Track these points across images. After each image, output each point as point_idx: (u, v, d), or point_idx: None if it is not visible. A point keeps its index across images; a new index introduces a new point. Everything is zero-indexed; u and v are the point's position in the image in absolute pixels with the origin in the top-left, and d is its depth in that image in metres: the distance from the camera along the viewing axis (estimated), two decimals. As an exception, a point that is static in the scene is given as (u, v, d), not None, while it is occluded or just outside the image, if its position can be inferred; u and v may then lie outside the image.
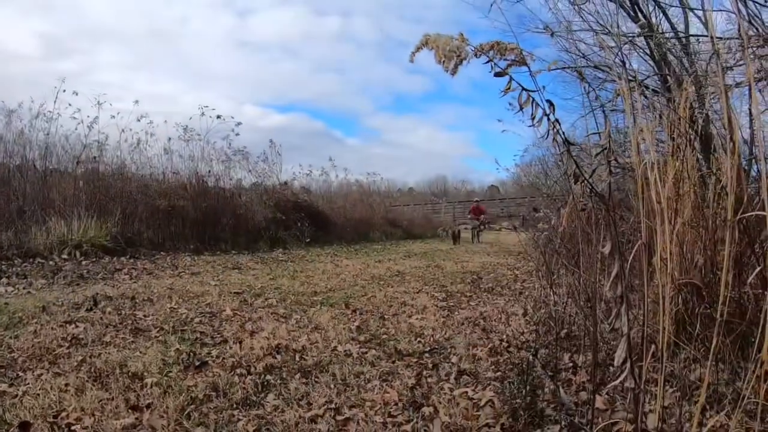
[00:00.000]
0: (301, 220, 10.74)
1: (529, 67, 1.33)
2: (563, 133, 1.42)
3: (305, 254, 8.91)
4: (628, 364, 1.31)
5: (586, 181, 1.45)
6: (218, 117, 9.17)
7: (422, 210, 19.00)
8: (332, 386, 2.24)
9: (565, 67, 4.42)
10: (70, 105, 7.74)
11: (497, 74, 1.33)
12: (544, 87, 1.35)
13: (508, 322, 3.52)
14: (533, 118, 1.37)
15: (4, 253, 5.98)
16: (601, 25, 4.57)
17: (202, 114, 9.01)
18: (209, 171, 9.53)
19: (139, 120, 8.52)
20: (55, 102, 7.59)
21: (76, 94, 7.74)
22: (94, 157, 8.17)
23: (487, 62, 1.31)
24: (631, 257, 1.52)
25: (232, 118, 9.64)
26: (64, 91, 7.62)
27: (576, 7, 4.52)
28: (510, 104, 1.45)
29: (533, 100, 1.35)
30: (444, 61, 1.28)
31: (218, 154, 9.72)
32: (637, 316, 1.70)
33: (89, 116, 7.89)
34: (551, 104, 1.36)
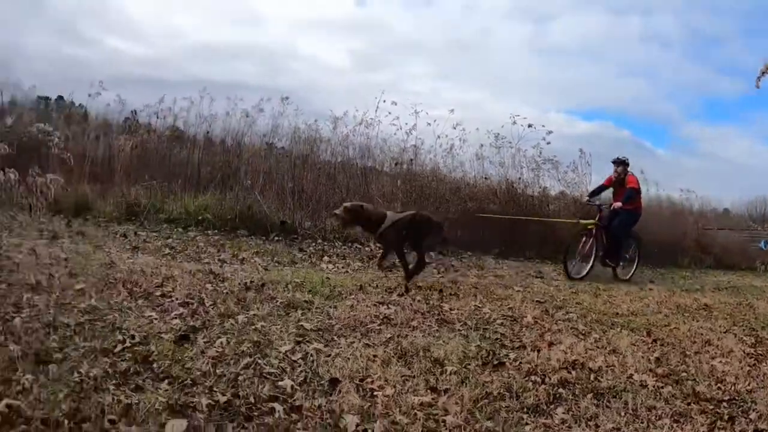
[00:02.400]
0: (609, 236, 10.01)
1: None
2: None
3: (608, 271, 8.45)
4: None
5: None
6: (529, 126, 9.27)
7: (738, 237, 15.09)
8: (622, 413, 2.23)
9: None
10: (389, 113, 9.11)
11: None
12: None
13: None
14: None
15: (327, 236, 7.14)
16: None
17: (513, 122, 9.27)
18: (519, 178, 9.63)
19: (454, 128, 9.35)
20: (376, 110, 9.04)
21: (395, 104, 9.07)
22: (411, 159, 9.36)
23: None
24: None
25: (543, 126, 9.54)
26: (384, 101, 9.02)
27: None
28: None
29: None
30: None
31: (528, 161, 9.71)
32: None
33: (407, 123, 9.09)
34: None
